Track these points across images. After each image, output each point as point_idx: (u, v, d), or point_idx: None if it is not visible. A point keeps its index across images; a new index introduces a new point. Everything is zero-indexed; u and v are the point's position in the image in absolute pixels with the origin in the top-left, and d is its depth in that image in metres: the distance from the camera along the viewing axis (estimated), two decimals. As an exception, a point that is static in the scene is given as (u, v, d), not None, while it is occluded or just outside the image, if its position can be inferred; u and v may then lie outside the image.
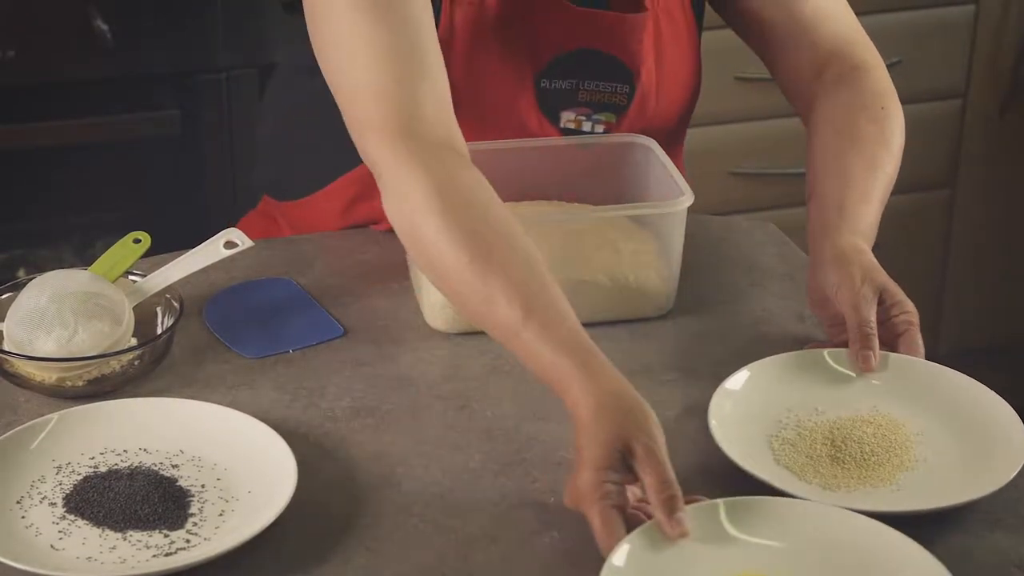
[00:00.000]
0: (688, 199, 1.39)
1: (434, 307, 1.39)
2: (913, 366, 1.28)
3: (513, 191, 1.47)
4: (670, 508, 1.07)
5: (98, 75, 2.19)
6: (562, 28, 1.51)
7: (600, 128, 1.55)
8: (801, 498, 1.12)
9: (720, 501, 1.10)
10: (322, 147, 1.56)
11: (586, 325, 1.21)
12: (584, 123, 1.55)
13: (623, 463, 1.09)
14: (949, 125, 2.70)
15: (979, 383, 1.26)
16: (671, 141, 1.61)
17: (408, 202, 1.24)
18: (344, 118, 1.33)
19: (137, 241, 1.40)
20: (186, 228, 2.17)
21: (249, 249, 1.41)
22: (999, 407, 1.23)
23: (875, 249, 1.36)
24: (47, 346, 1.28)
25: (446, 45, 1.41)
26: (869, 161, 1.44)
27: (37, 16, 2.20)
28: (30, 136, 2.26)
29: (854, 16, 1.58)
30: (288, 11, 2.26)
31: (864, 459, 1.19)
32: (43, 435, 1.21)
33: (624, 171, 1.50)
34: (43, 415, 1.23)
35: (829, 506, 1.11)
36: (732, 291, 1.48)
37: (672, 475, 1.08)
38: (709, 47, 1.63)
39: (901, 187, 2.68)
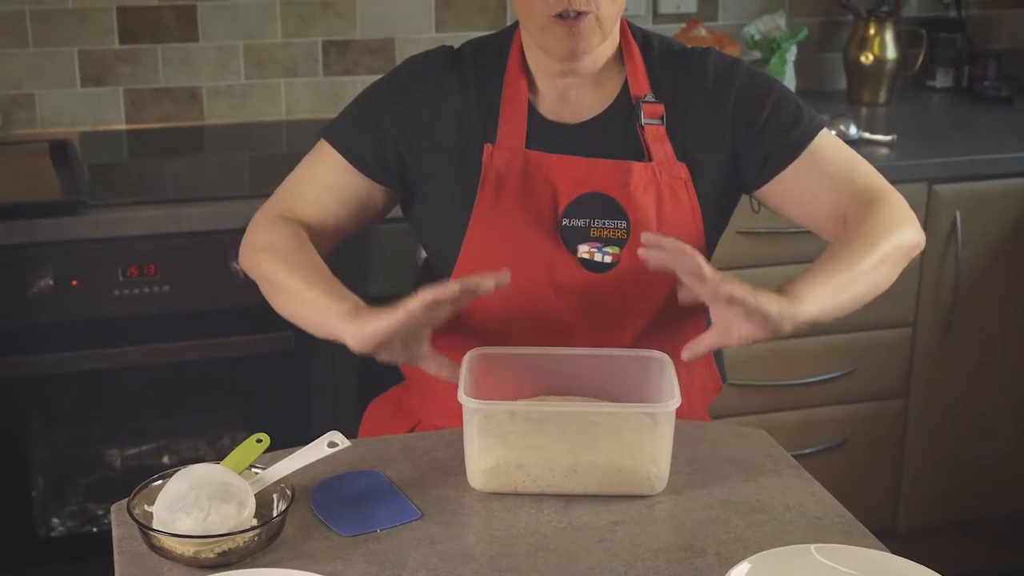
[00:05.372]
0: (676, 402, 1.39)
1: (475, 472, 1.42)
2: (874, 558, 1.28)
3: (555, 386, 1.50)
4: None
5: (230, 304, 2.23)
6: (575, 175, 1.54)
7: (608, 259, 1.55)
8: None
9: None
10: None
11: (591, 496, 1.39)
12: (596, 254, 1.55)
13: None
14: (902, 347, 2.72)
15: (924, 567, 1.26)
16: (691, 312, 1.56)
17: (249, 240, 1.59)
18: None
19: (259, 441, 1.41)
20: (297, 427, 2.19)
21: (347, 448, 1.42)
22: None
23: (845, 445, 1.36)
24: (186, 525, 1.29)
25: (491, 192, 1.54)
26: (835, 261, 1.47)
27: (185, 260, 2.25)
28: (174, 353, 2.28)
29: (861, 159, 1.58)
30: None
31: None
32: (182, 598, 1.21)
33: (642, 377, 1.50)
34: (182, 581, 1.24)
35: None
36: (730, 484, 1.46)
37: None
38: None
39: (864, 396, 2.68)
